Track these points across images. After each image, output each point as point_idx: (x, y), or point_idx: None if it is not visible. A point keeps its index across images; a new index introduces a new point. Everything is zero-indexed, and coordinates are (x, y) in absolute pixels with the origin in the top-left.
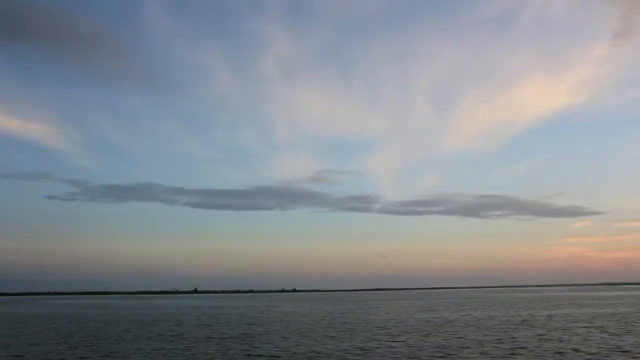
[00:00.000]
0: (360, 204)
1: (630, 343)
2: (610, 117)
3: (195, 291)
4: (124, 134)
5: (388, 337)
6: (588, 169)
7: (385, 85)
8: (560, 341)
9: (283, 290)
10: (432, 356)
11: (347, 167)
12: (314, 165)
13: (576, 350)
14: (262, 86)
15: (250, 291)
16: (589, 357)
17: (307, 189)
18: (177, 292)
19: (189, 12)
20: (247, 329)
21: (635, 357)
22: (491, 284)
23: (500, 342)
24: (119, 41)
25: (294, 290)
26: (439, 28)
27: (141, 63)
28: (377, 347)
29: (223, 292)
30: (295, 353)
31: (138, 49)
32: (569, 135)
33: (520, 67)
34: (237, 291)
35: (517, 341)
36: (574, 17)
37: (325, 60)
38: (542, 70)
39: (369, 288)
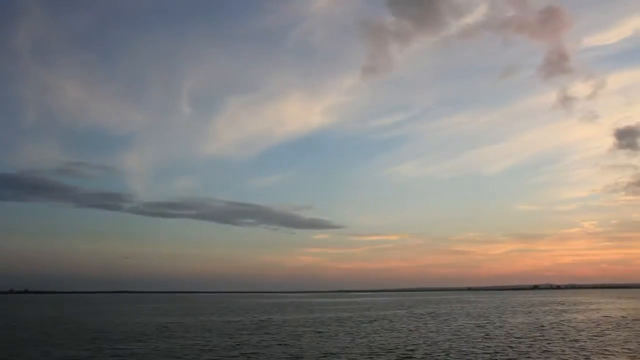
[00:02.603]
0: (111, 201)
1: (344, 346)
2: (354, 141)
3: None
4: None
5: (112, 342)
6: (332, 186)
7: (149, 80)
8: (289, 345)
9: (12, 292)
10: None
11: (100, 161)
12: (63, 156)
13: (295, 355)
14: (9, 62)
15: None
16: None
17: (52, 181)
18: None
19: None
20: None
21: (342, 357)
22: (239, 289)
23: (234, 348)
24: None
25: (26, 292)
26: (210, 32)
27: None
28: (92, 356)
29: None
30: None
31: None
32: (318, 153)
33: (283, 84)
34: None
35: (250, 345)
36: (332, 48)
37: (86, 45)
38: (301, 90)
39: (114, 290)
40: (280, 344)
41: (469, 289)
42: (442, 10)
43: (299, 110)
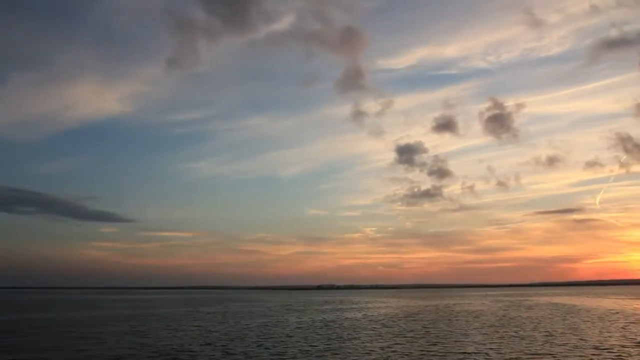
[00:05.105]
0: None
1: (113, 347)
2: (150, 133)
3: None
4: None
5: None
6: (123, 177)
7: None
8: (46, 349)
9: None
10: None
11: None
12: None
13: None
14: None
15: None
16: None
17: None
18: None
19: None
20: None
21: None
22: (17, 285)
23: None
24: None
25: None
26: None
27: None
28: None
29: None
30: None
31: None
32: (110, 142)
33: (76, 64)
34: None
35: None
36: (136, 34)
37: None
38: (98, 74)
39: None
40: (39, 347)
41: (258, 288)
42: (252, 14)
43: (93, 95)
